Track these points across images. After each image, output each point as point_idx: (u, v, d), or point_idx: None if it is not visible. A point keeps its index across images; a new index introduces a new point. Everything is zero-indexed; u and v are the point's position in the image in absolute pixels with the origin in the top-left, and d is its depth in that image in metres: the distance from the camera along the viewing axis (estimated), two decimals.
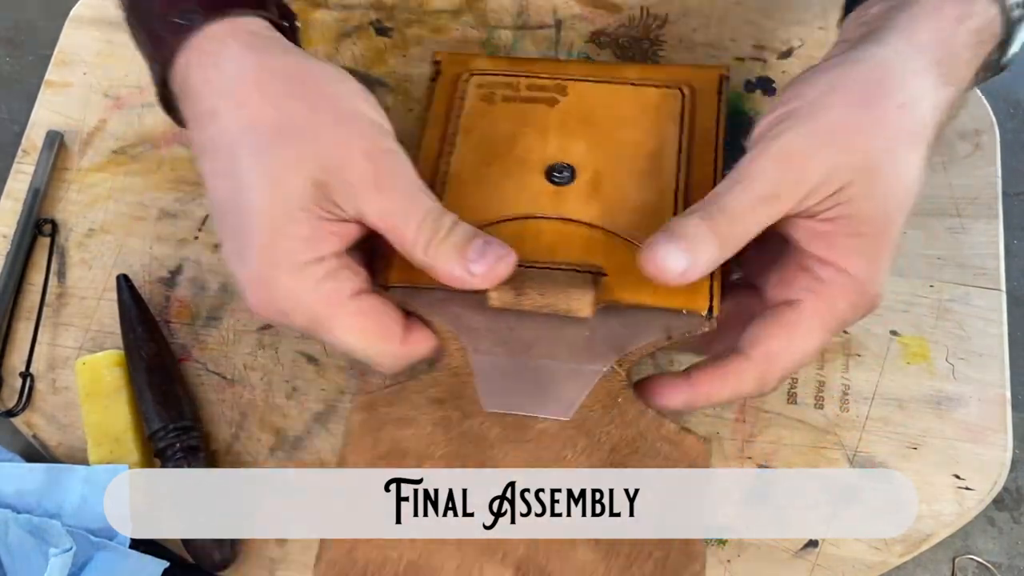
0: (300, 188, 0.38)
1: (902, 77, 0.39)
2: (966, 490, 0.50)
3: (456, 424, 0.41)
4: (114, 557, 0.46)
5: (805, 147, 0.38)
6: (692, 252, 0.38)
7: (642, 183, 0.46)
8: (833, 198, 0.38)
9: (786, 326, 0.40)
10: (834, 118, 0.39)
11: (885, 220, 0.39)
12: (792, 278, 0.40)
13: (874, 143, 0.38)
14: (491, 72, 0.51)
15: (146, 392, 0.51)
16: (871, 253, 0.39)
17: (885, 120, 0.39)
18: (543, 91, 0.50)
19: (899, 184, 0.39)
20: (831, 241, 0.39)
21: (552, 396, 0.41)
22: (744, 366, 0.40)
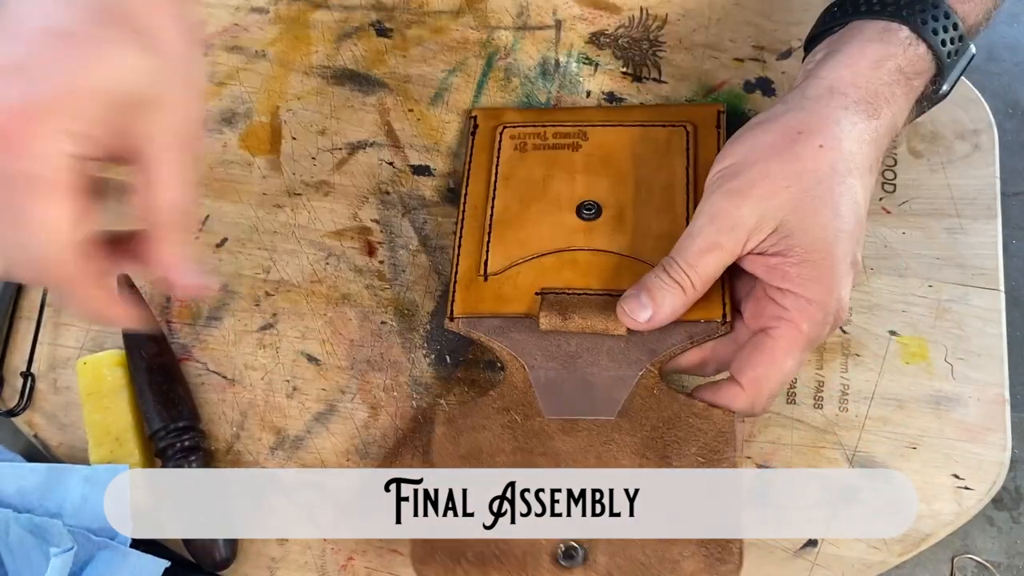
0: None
1: (820, 122, 0.46)
2: (965, 490, 0.50)
3: (520, 425, 0.48)
4: (115, 557, 0.46)
5: (734, 202, 0.45)
6: (655, 302, 0.47)
7: (658, 214, 0.53)
8: (773, 237, 0.45)
9: (765, 353, 0.45)
10: (757, 173, 0.45)
11: (826, 245, 0.44)
12: (762, 309, 0.47)
13: (798, 184, 0.45)
14: (520, 124, 0.58)
15: (147, 392, 0.51)
16: (820, 277, 0.44)
17: (805, 162, 0.45)
18: (567, 138, 0.57)
19: (832, 212, 0.44)
20: (784, 272, 0.45)
21: (599, 401, 0.49)
22: (735, 391, 0.46)
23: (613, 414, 0.48)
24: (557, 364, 0.49)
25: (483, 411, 0.49)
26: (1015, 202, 0.59)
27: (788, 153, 0.45)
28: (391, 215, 0.57)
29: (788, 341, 0.45)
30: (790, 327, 0.45)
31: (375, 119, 0.60)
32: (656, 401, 0.48)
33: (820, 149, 0.45)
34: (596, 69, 0.61)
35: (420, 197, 0.58)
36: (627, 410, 0.48)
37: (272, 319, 0.55)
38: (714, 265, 0.46)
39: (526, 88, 0.60)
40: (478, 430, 0.48)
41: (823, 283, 0.44)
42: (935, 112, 0.57)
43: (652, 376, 0.49)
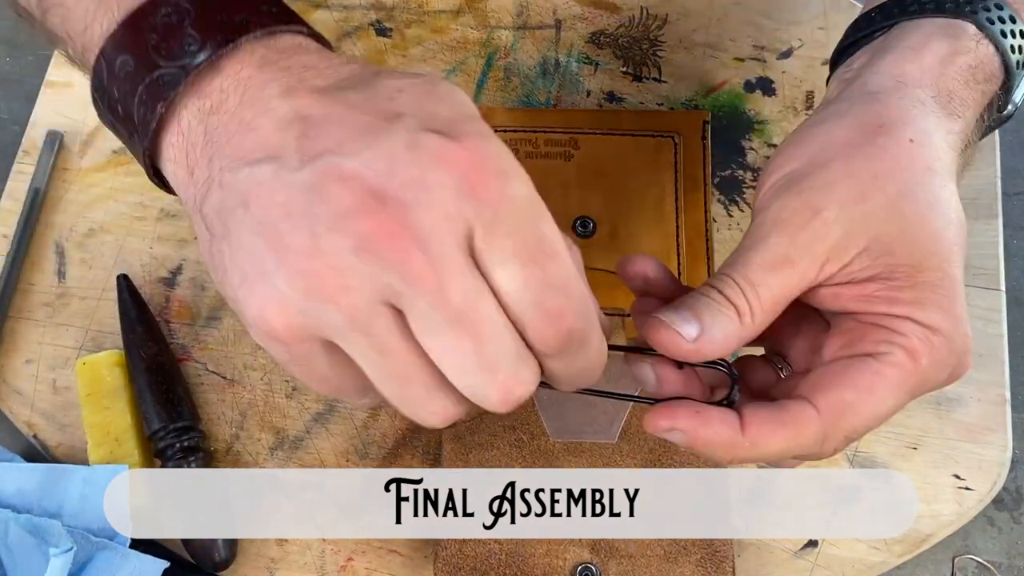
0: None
1: (903, 113, 0.36)
2: (966, 490, 0.50)
3: (527, 443, 0.50)
4: (114, 557, 0.46)
5: (811, 205, 0.34)
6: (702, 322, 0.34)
7: (650, 230, 0.54)
8: (864, 257, 0.34)
9: (865, 377, 0.34)
10: (837, 172, 0.35)
11: (940, 261, 0.34)
12: (862, 335, 0.35)
13: (894, 186, 0.34)
14: (511, 128, 0.57)
15: (146, 392, 0.51)
16: (942, 301, 0.34)
17: (899, 158, 0.35)
18: (559, 146, 0.57)
19: (940, 219, 0.34)
20: (891, 299, 0.34)
21: (600, 422, 0.48)
22: (808, 415, 0.34)
23: (614, 439, 0.49)
24: None
25: (490, 428, 0.51)
26: (1016, 202, 0.59)
27: (872, 148, 0.35)
28: None
29: (900, 373, 0.34)
30: (906, 357, 0.33)
31: None
32: None
33: (911, 144, 0.35)
34: (596, 69, 0.60)
35: None
36: (626, 431, 0.50)
37: None
38: (781, 289, 0.34)
39: (526, 88, 0.60)
40: (486, 448, 0.50)
41: (946, 309, 0.34)
42: None
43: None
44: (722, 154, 0.58)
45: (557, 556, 0.47)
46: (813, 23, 0.61)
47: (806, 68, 0.60)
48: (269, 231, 0.29)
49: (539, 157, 0.56)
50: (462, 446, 0.50)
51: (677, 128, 0.57)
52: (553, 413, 0.51)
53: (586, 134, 0.57)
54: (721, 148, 0.58)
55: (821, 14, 0.61)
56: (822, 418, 0.34)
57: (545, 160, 0.56)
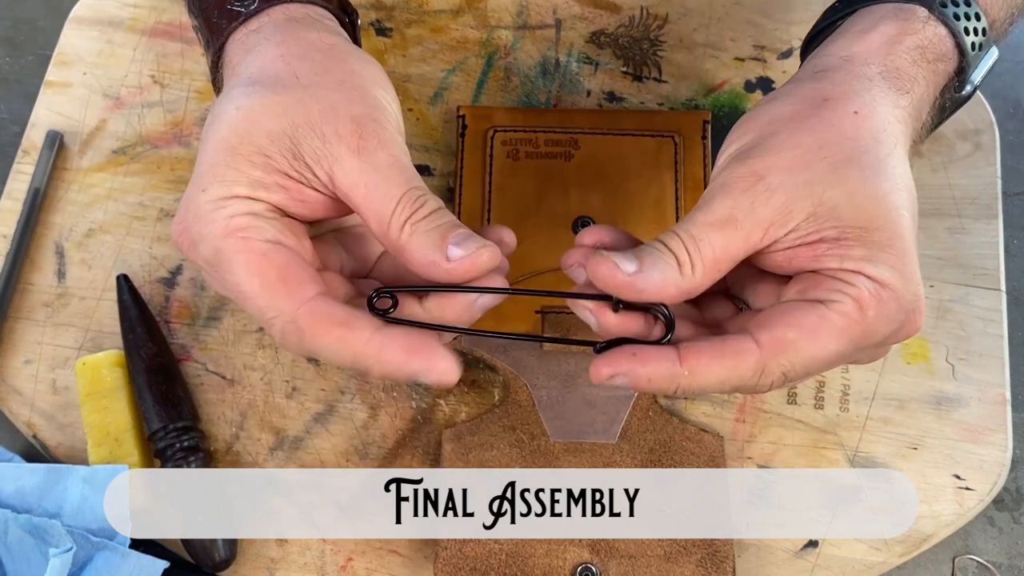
0: (266, 132, 0.37)
1: (848, 87, 0.38)
2: (966, 490, 0.50)
3: (527, 443, 0.50)
4: (114, 557, 0.46)
5: (755, 172, 0.36)
6: (642, 262, 0.35)
7: (650, 229, 0.54)
8: (812, 222, 0.35)
9: (809, 318, 0.35)
10: (782, 142, 0.36)
11: (889, 222, 0.35)
12: (816, 284, 0.36)
13: (837, 152, 0.36)
14: (511, 127, 0.57)
15: (146, 392, 0.51)
16: (892, 259, 0.35)
17: (843, 129, 0.36)
18: (559, 146, 0.57)
19: (887, 183, 0.36)
20: (843, 255, 0.35)
21: (599, 422, 0.51)
22: (746, 347, 0.35)
23: (614, 438, 0.50)
24: (558, 383, 0.51)
25: (490, 428, 0.51)
26: (1016, 202, 0.59)
27: (817, 120, 0.37)
28: None
29: (845, 320, 0.34)
30: (853, 306, 0.34)
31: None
32: (651, 423, 0.50)
33: (856, 116, 0.37)
34: (596, 68, 0.60)
35: None
36: (625, 432, 0.50)
37: None
38: (723, 245, 0.35)
39: (526, 87, 0.60)
40: (486, 448, 0.50)
41: (896, 267, 0.35)
42: None
43: (647, 397, 0.51)
44: None
45: (557, 556, 0.47)
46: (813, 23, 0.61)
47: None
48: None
49: (539, 157, 0.56)
50: (462, 446, 0.50)
51: (677, 128, 0.57)
52: (553, 413, 0.51)
53: (586, 134, 0.57)
54: None
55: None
56: (761, 351, 0.34)
57: (545, 160, 0.56)
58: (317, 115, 0.37)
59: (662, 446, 0.50)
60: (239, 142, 0.36)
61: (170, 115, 0.60)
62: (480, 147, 0.57)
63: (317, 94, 0.37)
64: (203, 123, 0.59)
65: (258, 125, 0.37)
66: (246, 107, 0.37)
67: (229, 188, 0.36)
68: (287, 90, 0.37)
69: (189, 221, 0.37)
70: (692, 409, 0.52)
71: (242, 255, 0.36)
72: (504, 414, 0.51)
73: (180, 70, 0.61)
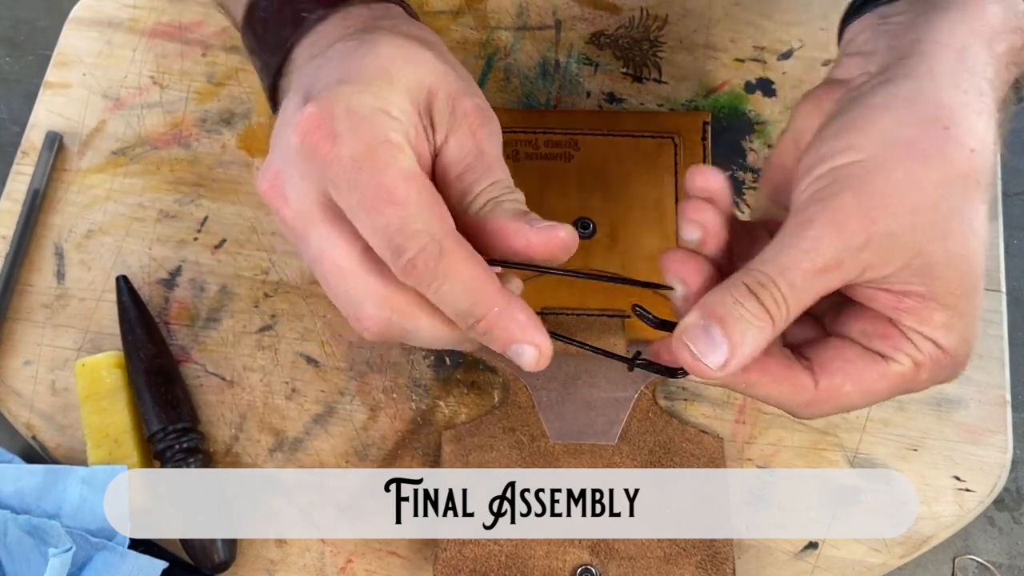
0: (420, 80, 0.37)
1: (967, 112, 0.35)
2: (966, 491, 0.50)
3: (527, 445, 0.50)
4: (113, 557, 0.46)
5: (870, 211, 0.34)
6: (732, 343, 0.34)
7: (650, 232, 0.54)
8: (907, 270, 0.34)
9: (870, 377, 0.36)
10: (903, 178, 0.34)
11: (971, 285, 0.35)
12: (882, 330, 0.36)
13: (948, 200, 0.34)
14: (511, 128, 0.57)
15: (145, 394, 0.51)
16: (962, 326, 0.35)
17: (957, 169, 0.34)
18: (559, 147, 0.57)
19: (974, 241, 0.35)
20: (920, 317, 0.35)
21: (599, 423, 0.50)
22: (805, 384, 0.36)
23: (614, 440, 0.50)
24: (558, 385, 0.51)
25: (490, 430, 0.51)
26: (1016, 202, 0.59)
27: (937, 156, 0.34)
28: None
29: (900, 379, 0.36)
30: (911, 367, 0.36)
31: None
32: (651, 424, 0.50)
33: (972, 155, 0.34)
34: (596, 69, 0.60)
35: None
36: (625, 433, 0.50)
37: (271, 320, 0.55)
38: (822, 290, 0.34)
39: (526, 88, 0.60)
40: (486, 449, 0.50)
41: (965, 335, 0.35)
42: None
43: (647, 398, 0.51)
44: (722, 155, 0.58)
45: (557, 558, 0.47)
46: (814, 24, 0.61)
47: (807, 69, 0.60)
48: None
49: (539, 158, 0.56)
50: (462, 448, 0.50)
51: (677, 129, 0.57)
52: (553, 415, 0.51)
53: (586, 135, 0.57)
54: (721, 149, 0.58)
55: (822, 15, 0.61)
56: (816, 393, 0.36)
57: (545, 161, 0.56)
58: (455, 89, 0.38)
59: (662, 447, 0.50)
60: (398, 72, 0.36)
61: (170, 116, 0.60)
62: None
63: (453, 72, 0.38)
64: (202, 124, 0.60)
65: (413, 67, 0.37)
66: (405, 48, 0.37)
67: (387, 103, 0.36)
68: (436, 55, 0.38)
69: (339, 110, 0.34)
70: (692, 410, 0.52)
71: (404, 162, 0.35)
72: (504, 415, 0.51)
73: (180, 71, 0.61)
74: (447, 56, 0.40)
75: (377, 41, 0.37)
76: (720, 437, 0.50)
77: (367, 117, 0.35)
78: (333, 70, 0.36)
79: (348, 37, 0.39)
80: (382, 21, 0.40)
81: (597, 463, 0.49)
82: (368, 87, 0.35)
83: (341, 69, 0.36)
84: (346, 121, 0.34)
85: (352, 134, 0.34)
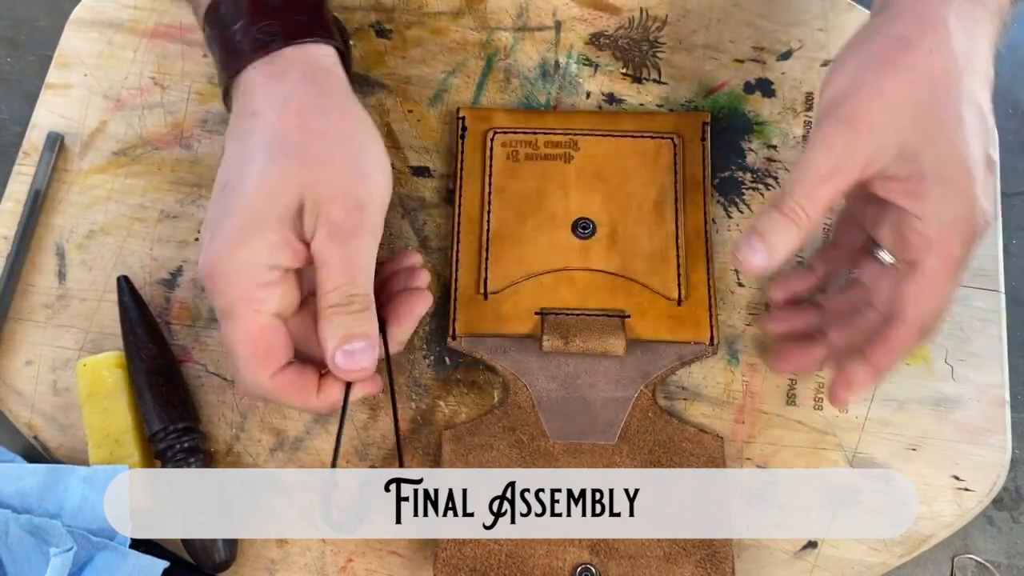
0: (287, 201, 0.44)
1: (925, 25, 0.43)
2: (965, 491, 0.50)
3: (527, 444, 0.50)
4: (114, 557, 0.46)
5: (850, 126, 0.43)
6: (768, 244, 0.44)
7: (650, 232, 0.54)
8: (899, 162, 0.43)
9: (921, 286, 0.44)
10: (869, 92, 0.43)
11: (959, 159, 0.42)
12: (905, 239, 0.44)
13: (915, 96, 0.42)
14: (510, 129, 0.57)
15: (146, 393, 0.51)
16: (959, 194, 0.43)
17: (917, 71, 0.43)
18: (558, 147, 0.57)
19: (955, 121, 0.43)
20: (920, 197, 0.43)
21: (599, 423, 0.50)
22: (905, 332, 0.45)
23: (614, 439, 0.50)
24: (557, 385, 0.51)
25: (490, 430, 0.51)
26: (1015, 202, 0.59)
27: (898, 66, 0.43)
28: (390, 216, 0.57)
29: (942, 271, 0.44)
30: (940, 259, 0.44)
31: (374, 120, 0.59)
32: (651, 423, 0.50)
33: (931, 55, 0.43)
34: (596, 70, 0.61)
35: (419, 198, 0.58)
36: (625, 432, 0.50)
37: None
38: (832, 193, 0.44)
39: (526, 89, 0.60)
40: (486, 449, 0.50)
41: (964, 200, 0.43)
42: None
43: (647, 398, 0.51)
44: (722, 155, 0.58)
45: (556, 557, 0.47)
46: (813, 24, 0.61)
47: (806, 69, 0.60)
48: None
49: (539, 159, 0.56)
50: (462, 447, 0.50)
51: (677, 129, 0.57)
52: (553, 414, 0.51)
53: (585, 135, 0.57)
54: (721, 149, 0.58)
55: (821, 15, 0.61)
56: (915, 327, 0.45)
57: (545, 162, 0.56)
58: (322, 195, 0.44)
59: (662, 447, 0.50)
60: (266, 212, 0.44)
61: (171, 117, 0.60)
62: (480, 149, 0.57)
63: (328, 176, 0.44)
64: (203, 125, 0.60)
65: (280, 196, 0.44)
66: (271, 178, 0.44)
67: (256, 256, 0.43)
68: (303, 166, 0.44)
69: (219, 270, 0.44)
70: (691, 410, 0.52)
71: (248, 325, 0.44)
72: (504, 415, 0.51)
73: (180, 72, 0.61)
74: (328, 150, 0.45)
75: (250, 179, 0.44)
76: (720, 436, 0.50)
77: (238, 279, 0.44)
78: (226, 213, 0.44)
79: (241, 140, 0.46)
80: (286, 105, 0.46)
81: (597, 463, 0.49)
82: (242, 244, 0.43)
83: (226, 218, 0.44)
84: (224, 280, 0.44)
85: (225, 295, 0.44)
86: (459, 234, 0.55)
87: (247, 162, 0.45)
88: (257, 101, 0.46)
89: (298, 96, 0.46)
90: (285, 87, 0.46)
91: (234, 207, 0.44)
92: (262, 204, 0.44)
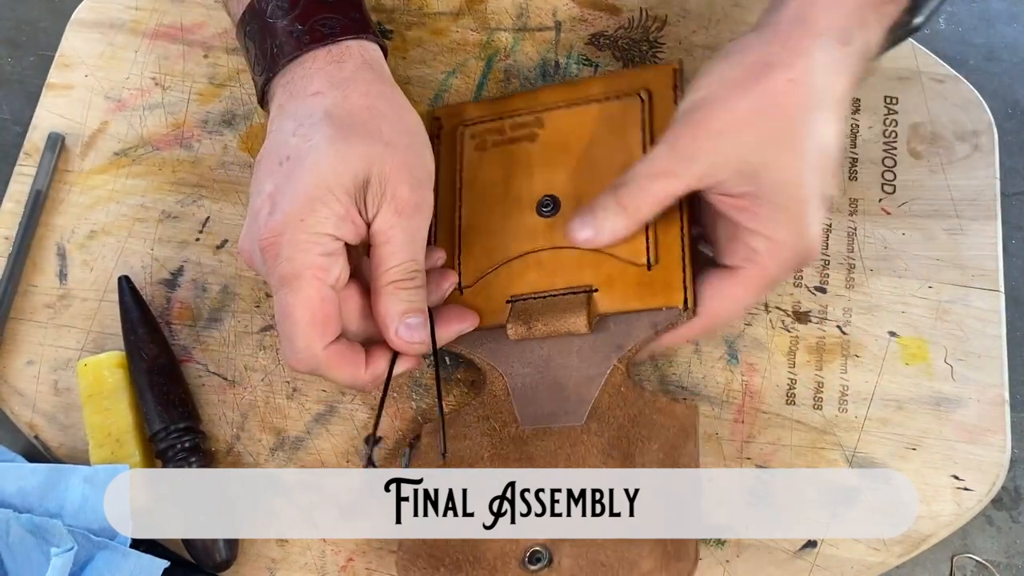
0: (353, 176, 0.45)
1: (790, 55, 0.44)
2: (965, 491, 0.50)
3: (499, 431, 0.49)
4: (115, 557, 0.47)
5: (695, 132, 0.45)
6: (597, 221, 0.47)
7: None
8: (738, 179, 0.44)
9: (727, 289, 0.47)
10: (721, 107, 0.45)
11: (794, 188, 0.44)
12: (735, 249, 0.46)
13: (764, 122, 0.44)
14: (479, 120, 0.56)
15: (147, 393, 0.51)
16: (790, 219, 0.45)
17: (773, 97, 0.44)
18: (524, 128, 0.55)
19: (797, 152, 0.44)
20: (753, 213, 0.45)
21: (570, 403, 0.49)
22: (695, 323, 0.48)
23: (581, 419, 0.48)
24: (532, 369, 0.50)
25: (465, 420, 0.50)
26: (1015, 202, 0.59)
27: (756, 88, 0.44)
28: None
29: (754, 281, 0.47)
30: (758, 269, 0.46)
31: None
32: (623, 399, 0.48)
33: (789, 83, 0.44)
34: (596, 70, 0.61)
35: None
36: (595, 411, 0.48)
37: (272, 320, 0.55)
38: (663, 192, 0.46)
39: (526, 89, 0.60)
40: (460, 439, 0.50)
41: (792, 225, 0.45)
42: (935, 113, 0.57)
43: (620, 373, 0.49)
44: None
45: (509, 540, 0.46)
46: None
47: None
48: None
49: (505, 143, 0.55)
50: (438, 439, 0.50)
51: (646, 84, 0.54)
52: (526, 400, 0.50)
53: (551, 110, 0.55)
54: None
55: None
56: (702, 321, 0.48)
57: (510, 146, 0.55)
58: (389, 172, 0.46)
59: (631, 421, 0.48)
60: (335, 182, 0.45)
61: (171, 117, 0.60)
62: (452, 147, 0.56)
63: (394, 154, 0.46)
64: (204, 125, 0.60)
65: (349, 168, 0.45)
66: (341, 150, 0.45)
67: (323, 225, 0.44)
68: (373, 142, 0.46)
69: (277, 238, 0.44)
70: None
71: (311, 292, 0.45)
72: (480, 405, 0.51)
73: (181, 72, 0.61)
74: (392, 129, 0.47)
75: (318, 150, 0.45)
76: (694, 405, 0.48)
77: (304, 247, 0.44)
78: (289, 183, 0.45)
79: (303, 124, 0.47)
80: (352, 88, 0.48)
81: (564, 443, 0.48)
82: (310, 212, 0.44)
83: (290, 188, 0.45)
84: (289, 248, 0.44)
85: (289, 261, 0.44)
86: (435, 234, 0.54)
87: (310, 137, 0.46)
88: (318, 83, 0.48)
89: (360, 80, 0.48)
90: (347, 72, 0.48)
91: (301, 177, 0.45)
92: (331, 175, 0.45)
